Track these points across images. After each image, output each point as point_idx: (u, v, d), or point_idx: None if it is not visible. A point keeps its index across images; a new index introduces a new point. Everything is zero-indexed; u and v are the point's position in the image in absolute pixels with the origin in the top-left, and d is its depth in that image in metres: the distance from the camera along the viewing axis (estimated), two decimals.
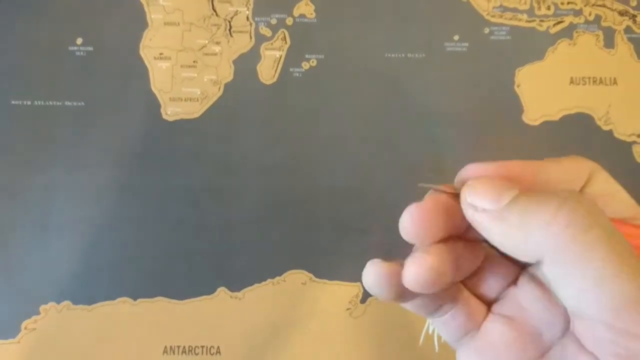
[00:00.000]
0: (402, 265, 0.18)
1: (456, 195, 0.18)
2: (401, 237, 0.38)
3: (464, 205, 0.17)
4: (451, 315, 0.20)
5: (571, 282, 0.15)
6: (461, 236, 0.19)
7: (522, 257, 0.16)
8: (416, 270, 0.17)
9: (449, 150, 0.38)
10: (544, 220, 0.15)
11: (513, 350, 0.18)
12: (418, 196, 0.19)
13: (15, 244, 0.36)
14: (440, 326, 0.20)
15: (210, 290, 0.37)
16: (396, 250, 0.37)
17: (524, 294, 0.19)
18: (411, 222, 0.18)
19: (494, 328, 0.19)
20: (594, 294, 0.15)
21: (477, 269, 0.20)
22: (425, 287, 0.17)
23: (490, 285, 0.20)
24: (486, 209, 0.17)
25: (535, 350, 0.18)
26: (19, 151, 0.37)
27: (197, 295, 0.37)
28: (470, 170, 0.18)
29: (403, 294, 0.18)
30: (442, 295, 0.19)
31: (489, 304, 0.20)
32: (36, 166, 0.37)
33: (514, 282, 0.20)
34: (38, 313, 0.36)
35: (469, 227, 0.18)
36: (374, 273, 0.18)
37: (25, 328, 0.36)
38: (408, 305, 0.19)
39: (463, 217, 0.18)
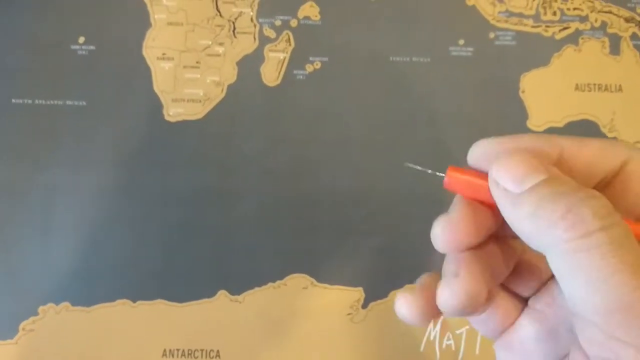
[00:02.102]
0: (429, 287, 0.18)
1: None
2: (404, 241, 0.38)
3: (490, 181, 0.17)
4: (487, 315, 0.19)
5: (569, 281, 0.15)
6: (496, 235, 0.19)
7: (530, 245, 0.16)
8: (450, 297, 0.17)
9: (453, 154, 0.38)
10: (550, 219, 0.15)
11: (542, 346, 0.18)
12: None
13: (14, 244, 0.36)
14: (477, 325, 0.20)
15: (210, 294, 0.36)
16: (399, 254, 0.37)
17: (558, 289, 0.19)
18: (442, 236, 0.18)
19: (525, 323, 0.19)
20: (586, 295, 0.15)
21: (514, 266, 0.20)
22: (461, 312, 0.17)
23: (526, 282, 0.20)
24: (507, 188, 0.16)
25: (565, 347, 0.18)
26: (19, 151, 0.37)
27: (197, 298, 0.36)
28: (480, 147, 0.18)
29: (438, 315, 0.18)
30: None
31: (527, 298, 0.20)
32: (36, 166, 0.37)
33: (552, 276, 0.19)
34: (36, 314, 0.36)
35: (502, 225, 0.18)
36: (405, 308, 0.18)
37: (23, 329, 0.36)
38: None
39: (493, 217, 0.18)
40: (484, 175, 0.18)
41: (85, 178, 0.37)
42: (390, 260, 0.37)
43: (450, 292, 0.17)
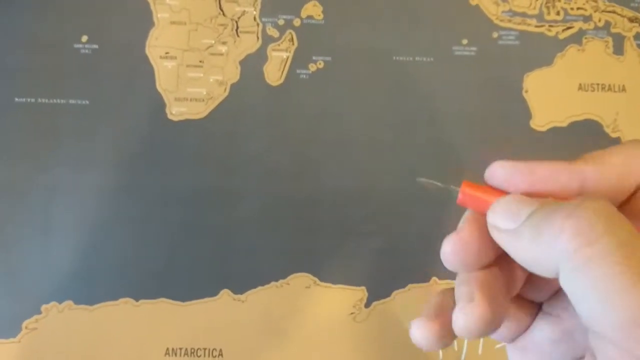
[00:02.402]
0: (444, 309, 0.18)
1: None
2: (406, 241, 0.38)
3: (490, 229, 0.17)
4: (501, 326, 0.19)
5: (582, 297, 0.14)
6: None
7: (543, 272, 0.16)
8: (466, 323, 0.17)
9: (456, 154, 0.38)
10: (552, 233, 0.15)
11: (559, 349, 0.18)
12: (418, 193, 0.19)
13: (17, 243, 0.36)
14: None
15: (213, 292, 0.37)
16: (401, 254, 0.37)
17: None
18: (452, 255, 0.17)
19: (540, 326, 0.19)
20: (603, 310, 0.14)
21: (527, 275, 0.19)
22: (479, 335, 0.17)
23: (540, 288, 0.20)
24: (506, 228, 0.16)
25: (582, 349, 0.18)
26: (22, 149, 0.37)
27: (199, 297, 0.36)
28: (495, 170, 0.18)
29: (454, 338, 0.18)
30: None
31: (541, 302, 0.20)
32: (39, 165, 0.37)
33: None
34: (39, 312, 0.36)
35: None
36: (421, 335, 0.18)
37: (26, 327, 0.36)
38: None
39: None
40: (498, 191, 0.18)
41: (87, 177, 0.37)
42: (393, 259, 0.37)
43: (465, 318, 0.16)
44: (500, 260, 0.18)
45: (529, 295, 0.20)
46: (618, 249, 0.14)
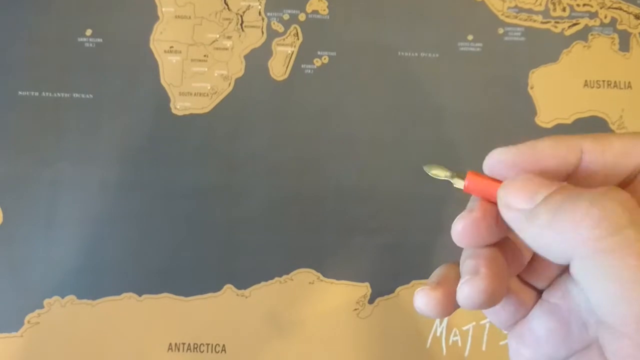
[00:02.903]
0: (448, 281, 0.18)
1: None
2: (410, 238, 0.37)
3: (499, 205, 0.17)
4: (501, 306, 0.19)
5: (598, 288, 0.14)
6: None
7: (553, 258, 0.16)
8: (470, 295, 0.17)
9: (460, 151, 0.38)
10: (573, 219, 0.14)
11: (554, 339, 0.18)
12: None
13: (20, 237, 0.36)
14: (490, 315, 0.20)
15: (216, 288, 0.36)
16: (405, 251, 0.37)
17: (572, 283, 0.18)
18: (462, 232, 0.18)
19: (538, 315, 0.19)
20: (619, 303, 0.14)
21: (530, 259, 0.19)
22: (480, 307, 0.17)
23: (541, 273, 0.20)
24: (519, 208, 0.16)
25: (578, 341, 0.18)
26: (25, 143, 0.37)
27: (203, 292, 0.36)
28: (496, 157, 0.18)
29: (455, 309, 0.18)
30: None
31: (541, 290, 0.20)
32: (42, 159, 0.37)
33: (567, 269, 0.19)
34: (42, 307, 0.36)
35: None
36: (424, 304, 0.18)
37: (29, 322, 0.36)
38: None
39: None
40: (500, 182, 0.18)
41: (91, 171, 0.37)
42: (397, 256, 0.37)
43: (470, 289, 0.17)
44: (506, 238, 0.19)
45: (529, 279, 0.20)
46: (639, 241, 0.13)
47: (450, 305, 0.18)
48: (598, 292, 0.14)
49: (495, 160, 0.18)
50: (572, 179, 0.18)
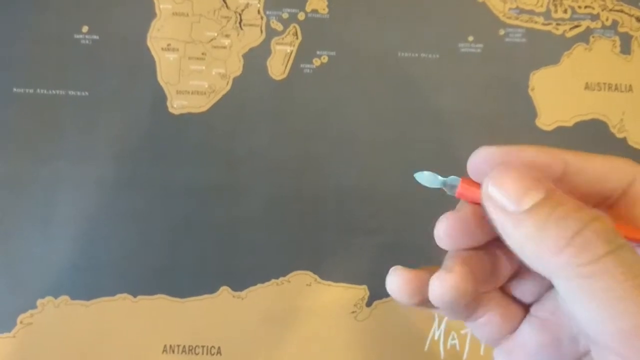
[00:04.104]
0: (424, 272, 0.18)
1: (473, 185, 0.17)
2: (409, 239, 0.37)
3: (483, 196, 0.16)
4: (486, 320, 0.19)
5: (582, 307, 0.15)
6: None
7: (534, 268, 0.16)
8: (438, 289, 0.17)
9: (460, 152, 0.37)
10: (556, 245, 0.15)
11: (545, 354, 0.18)
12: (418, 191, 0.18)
13: (14, 236, 0.36)
14: (476, 330, 0.19)
15: (212, 289, 0.36)
16: (404, 252, 0.36)
17: (561, 297, 0.18)
18: (444, 232, 0.18)
19: (527, 330, 0.19)
20: (604, 320, 0.14)
21: (514, 271, 0.19)
22: (448, 305, 0.17)
23: (528, 287, 0.19)
24: (506, 209, 0.16)
25: (569, 356, 0.18)
26: (20, 141, 0.36)
27: (198, 293, 0.36)
28: (482, 155, 0.18)
29: (426, 302, 0.18)
30: (474, 302, 0.19)
31: (528, 305, 0.19)
32: (37, 157, 0.36)
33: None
34: (35, 307, 0.35)
35: None
36: (395, 282, 0.18)
37: (21, 322, 0.35)
38: (439, 310, 0.19)
39: None
40: None
41: (87, 170, 0.36)
42: (395, 258, 0.36)
43: (439, 284, 0.17)
44: (491, 245, 0.19)
45: (516, 293, 0.20)
46: (620, 266, 0.14)
47: (420, 294, 0.18)
48: (583, 311, 0.15)
49: (481, 159, 0.18)
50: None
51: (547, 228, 0.15)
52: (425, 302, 0.18)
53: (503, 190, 0.16)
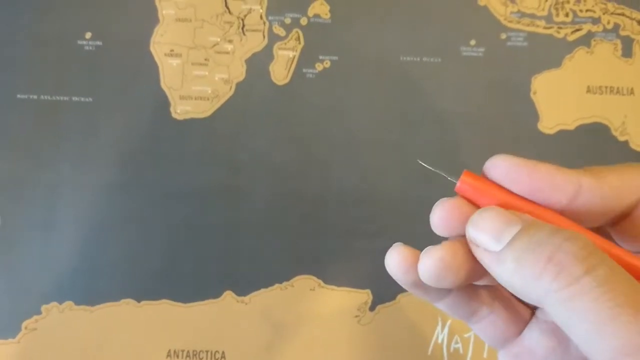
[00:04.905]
0: (416, 251, 0.18)
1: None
2: (413, 243, 0.37)
3: (468, 240, 0.17)
4: (490, 322, 0.19)
5: (571, 327, 0.15)
6: None
7: (525, 299, 0.16)
8: (425, 261, 0.17)
9: (462, 156, 0.37)
10: (533, 273, 0.15)
11: (552, 357, 0.18)
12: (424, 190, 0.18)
13: (18, 242, 0.36)
14: (480, 332, 0.19)
15: (216, 294, 0.36)
16: None
17: None
18: (438, 217, 0.18)
19: (534, 333, 0.19)
20: (595, 340, 0.14)
21: None
22: (434, 279, 0.17)
23: None
24: (488, 249, 0.16)
25: (577, 357, 0.18)
26: (24, 147, 0.36)
27: (202, 298, 0.36)
28: (497, 162, 0.18)
29: (420, 284, 0.18)
30: (475, 298, 0.19)
31: (534, 307, 0.19)
32: (40, 162, 0.36)
33: None
34: (39, 312, 0.35)
35: None
36: (392, 257, 0.18)
37: (26, 328, 0.35)
38: (441, 306, 0.19)
39: None
40: (496, 186, 0.18)
41: (90, 175, 0.36)
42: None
43: (426, 257, 0.17)
44: None
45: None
46: (600, 285, 0.14)
47: (412, 270, 0.18)
48: (575, 333, 0.15)
49: (495, 166, 0.18)
50: (571, 207, 0.18)
51: (524, 259, 0.15)
52: (420, 283, 0.18)
53: (483, 232, 0.16)
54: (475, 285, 0.19)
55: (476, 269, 0.18)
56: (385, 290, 0.37)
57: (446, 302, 0.19)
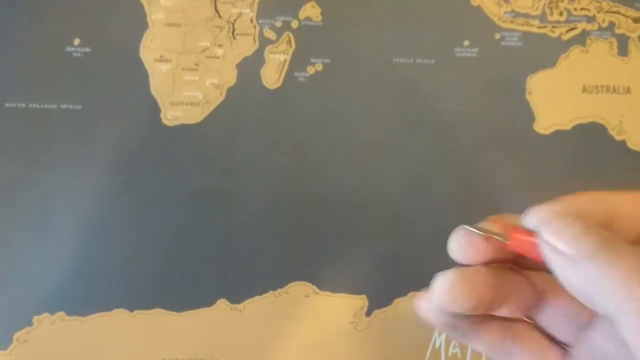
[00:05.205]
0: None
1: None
2: (409, 248, 0.37)
3: (541, 243, 0.17)
4: (516, 354, 0.19)
5: None
6: (517, 262, 0.19)
7: (595, 307, 0.16)
8: (439, 283, 0.18)
9: (458, 157, 0.37)
10: (618, 279, 0.15)
11: None
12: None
13: (8, 252, 0.35)
14: None
15: (209, 302, 0.36)
16: (403, 261, 0.36)
17: (602, 338, 0.18)
18: (457, 246, 0.19)
19: None
20: None
21: (543, 305, 0.19)
22: (449, 301, 0.18)
23: (560, 324, 0.19)
24: (564, 252, 0.16)
25: None
26: (12, 157, 0.36)
27: (196, 306, 0.36)
28: (536, 214, 0.18)
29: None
30: (495, 328, 0.19)
31: (566, 345, 0.19)
32: (30, 172, 0.36)
33: (589, 322, 0.19)
34: (31, 324, 0.35)
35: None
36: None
37: (17, 339, 0.35)
38: (468, 341, 0.19)
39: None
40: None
41: (80, 185, 0.36)
42: (395, 267, 0.36)
43: (441, 279, 0.18)
44: (509, 273, 0.19)
45: (547, 327, 0.19)
46: None
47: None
48: None
49: (536, 219, 0.18)
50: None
51: (603, 267, 0.15)
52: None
53: (561, 236, 0.17)
54: (510, 325, 0.19)
55: (493, 296, 0.18)
56: (381, 295, 0.36)
57: (483, 340, 0.19)
